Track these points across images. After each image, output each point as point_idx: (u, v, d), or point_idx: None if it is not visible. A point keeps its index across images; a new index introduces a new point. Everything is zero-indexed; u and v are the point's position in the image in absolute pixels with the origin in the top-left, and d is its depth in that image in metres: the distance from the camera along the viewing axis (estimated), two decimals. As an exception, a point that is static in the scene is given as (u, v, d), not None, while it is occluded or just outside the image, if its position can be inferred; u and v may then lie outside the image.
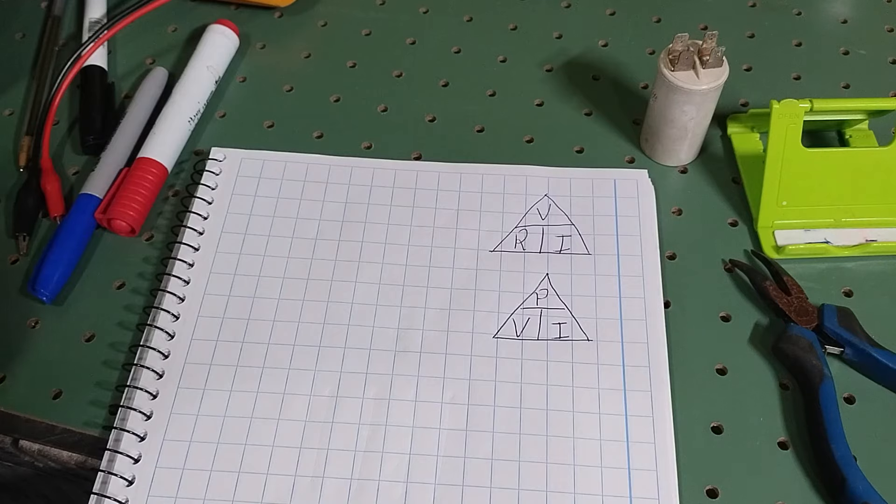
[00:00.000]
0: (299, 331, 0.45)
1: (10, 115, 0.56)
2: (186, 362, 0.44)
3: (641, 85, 0.57)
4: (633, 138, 0.54)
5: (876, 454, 0.41)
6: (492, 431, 0.42)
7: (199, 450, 0.41)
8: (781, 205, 0.48)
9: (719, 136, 0.54)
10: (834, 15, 0.61)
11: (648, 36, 0.60)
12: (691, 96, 0.48)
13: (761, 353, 0.45)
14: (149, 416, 0.42)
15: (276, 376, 0.43)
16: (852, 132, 0.53)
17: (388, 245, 0.48)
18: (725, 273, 0.48)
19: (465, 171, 0.51)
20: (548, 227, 0.49)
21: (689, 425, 0.42)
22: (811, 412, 0.42)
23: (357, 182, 0.51)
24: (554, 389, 0.43)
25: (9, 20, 0.61)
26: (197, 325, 0.45)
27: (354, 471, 0.40)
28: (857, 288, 0.47)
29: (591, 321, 0.45)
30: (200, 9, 0.61)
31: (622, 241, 0.48)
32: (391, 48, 0.59)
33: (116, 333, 0.45)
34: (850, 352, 0.44)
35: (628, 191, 0.50)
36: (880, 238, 0.48)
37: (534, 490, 0.40)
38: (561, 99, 0.56)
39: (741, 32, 0.60)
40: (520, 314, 0.45)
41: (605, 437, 0.41)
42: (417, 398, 0.43)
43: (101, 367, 0.44)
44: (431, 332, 0.45)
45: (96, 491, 0.40)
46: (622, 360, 0.44)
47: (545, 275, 0.47)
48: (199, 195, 0.50)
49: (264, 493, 0.40)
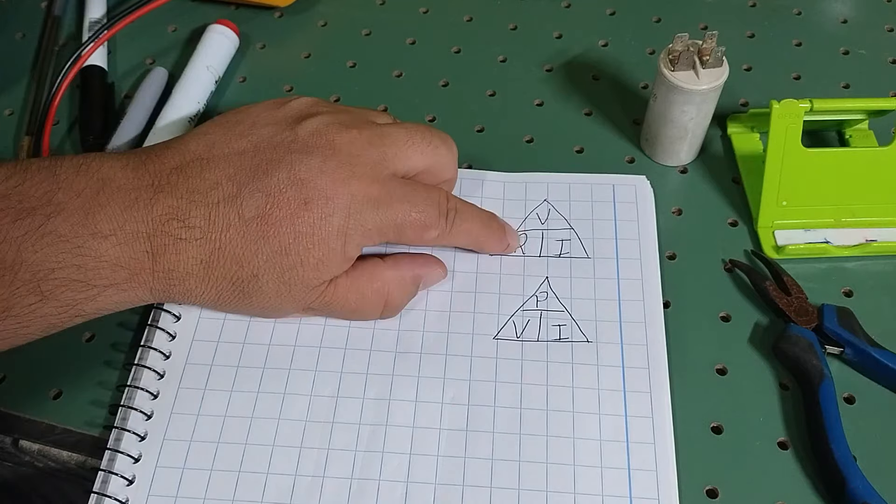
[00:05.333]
0: (300, 331, 0.45)
1: (10, 115, 0.56)
2: (187, 363, 0.44)
3: (641, 85, 0.57)
4: (633, 138, 0.54)
5: (876, 454, 0.41)
6: (492, 432, 0.42)
7: (199, 449, 0.41)
8: (781, 205, 0.48)
9: (719, 136, 0.54)
10: (834, 15, 0.61)
11: (648, 36, 0.60)
12: (691, 96, 0.48)
13: (761, 353, 0.45)
14: (149, 416, 0.42)
15: (276, 376, 0.43)
16: (852, 132, 0.53)
17: (388, 247, 0.48)
18: (725, 273, 0.48)
19: (465, 177, 0.51)
20: (547, 231, 0.49)
21: (688, 425, 0.42)
22: (811, 412, 0.42)
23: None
24: (554, 390, 0.43)
25: (9, 20, 0.61)
26: (198, 326, 0.45)
27: (355, 471, 0.41)
28: (857, 288, 0.47)
29: (590, 323, 0.45)
30: (200, 9, 0.61)
31: (621, 245, 0.48)
32: (391, 48, 0.59)
33: (116, 333, 0.45)
34: (850, 352, 0.44)
35: (627, 196, 0.50)
36: (880, 238, 0.48)
37: (534, 490, 0.40)
38: (561, 99, 0.56)
39: (741, 32, 0.60)
40: (520, 316, 0.46)
41: (605, 437, 0.41)
42: (418, 398, 0.43)
43: (101, 367, 0.44)
44: (432, 334, 0.45)
45: (96, 490, 0.40)
46: (622, 361, 0.44)
47: (545, 278, 0.47)
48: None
49: (264, 492, 0.40)
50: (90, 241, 0.37)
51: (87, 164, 0.39)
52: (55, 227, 0.36)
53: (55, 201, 0.37)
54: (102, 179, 0.38)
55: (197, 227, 0.39)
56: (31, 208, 0.36)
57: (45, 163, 0.38)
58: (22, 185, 0.37)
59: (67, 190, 0.37)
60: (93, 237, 0.37)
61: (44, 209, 0.36)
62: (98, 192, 0.38)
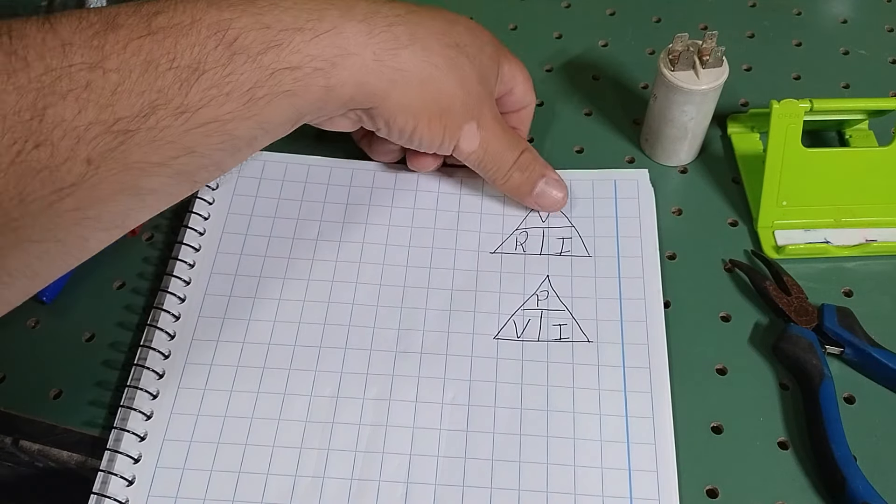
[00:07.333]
0: (300, 331, 0.45)
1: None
2: (187, 362, 0.44)
3: (641, 85, 0.57)
4: (633, 138, 0.54)
5: (876, 454, 0.41)
6: (492, 432, 0.42)
7: (199, 450, 0.41)
8: (781, 205, 0.48)
9: (719, 136, 0.54)
10: (834, 15, 0.61)
11: (648, 36, 0.60)
12: (691, 96, 0.48)
13: (761, 353, 0.45)
14: (149, 416, 0.42)
15: (276, 376, 0.43)
16: (852, 132, 0.53)
17: (388, 246, 0.48)
18: (725, 273, 0.48)
19: (467, 177, 0.51)
20: (548, 229, 0.49)
21: (689, 425, 0.42)
22: (811, 412, 0.42)
23: (358, 184, 0.51)
24: (554, 390, 0.43)
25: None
26: (198, 326, 0.45)
27: (355, 471, 0.40)
28: (857, 288, 0.47)
29: (591, 322, 0.45)
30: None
31: (622, 242, 0.48)
32: (391, 48, 0.59)
33: (116, 333, 0.45)
34: (849, 352, 0.44)
35: (629, 191, 0.50)
36: (880, 238, 0.48)
37: (534, 490, 0.40)
38: (561, 99, 0.56)
39: (741, 32, 0.60)
40: (520, 315, 0.45)
41: (606, 437, 0.41)
42: (418, 399, 0.43)
43: (101, 367, 0.44)
44: (432, 333, 0.45)
45: (96, 491, 0.40)
46: (622, 361, 0.44)
47: (545, 276, 0.47)
48: (200, 195, 0.49)
49: (264, 493, 0.40)
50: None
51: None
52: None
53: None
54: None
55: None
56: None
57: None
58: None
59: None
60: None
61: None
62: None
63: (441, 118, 0.43)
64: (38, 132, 0.30)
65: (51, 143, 0.30)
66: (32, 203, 0.31)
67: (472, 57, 0.43)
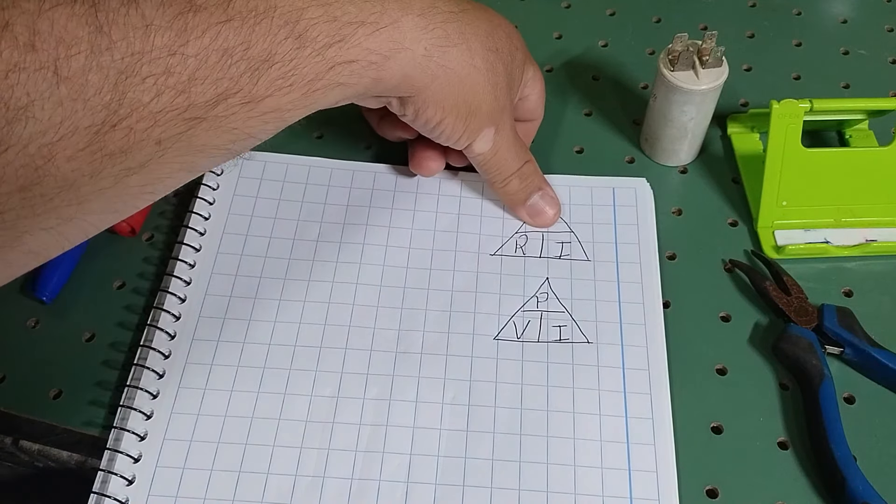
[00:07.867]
0: (300, 331, 0.45)
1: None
2: (187, 362, 0.44)
3: (641, 85, 0.57)
4: (633, 138, 0.54)
5: (876, 454, 0.41)
6: (492, 432, 0.42)
7: (199, 449, 0.41)
8: (781, 205, 0.48)
9: (719, 136, 0.54)
10: (834, 15, 0.61)
11: (648, 36, 0.60)
12: (691, 96, 0.48)
13: (761, 353, 0.45)
14: (149, 416, 0.42)
15: (276, 376, 0.43)
16: (852, 132, 0.53)
17: (389, 248, 0.48)
18: (725, 273, 0.48)
19: (466, 179, 0.51)
20: (547, 233, 0.49)
21: (688, 425, 0.42)
22: (811, 412, 0.42)
23: (358, 185, 0.51)
24: (554, 391, 0.43)
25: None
26: (198, 326, 0.45)
27: (355, 471, 0.41)
28: (857, 288, 0.47)
29: (591, 324, 0.45)
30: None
31: (621, 248, 0.48)
32: (391, 48, 0.59)
33: (116, 333, 0.45)
34: (849, 352, 0.44)
35: (627, 199, 0.50)
36: (880, 238, 0.48)
37: (534, 490, 0.40)
38: (561, 99, 0.56)
39: (741, 32, 0.60)
40: (520, 316, 0.46)
41: (606, 438, 0.41)
42: (418, 399, 0.43)
43: (101, 367, 0.44)
44: (432, 334, 0.45)
45: (96, 490, 0.40)
46: (622, 362, 0.44)
47: (545, 279, 0.47)
48: (201, 195, 0.50)
49: (265, 492, 0.40)
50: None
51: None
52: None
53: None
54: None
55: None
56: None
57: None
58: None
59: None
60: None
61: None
62: None
63: (467, 118, 0.43)
64: (115, 114, 0.30)
65: (128, 126, 0.31)
66: (103, 180, 0.32)
67: (507, 64, 0.44)
